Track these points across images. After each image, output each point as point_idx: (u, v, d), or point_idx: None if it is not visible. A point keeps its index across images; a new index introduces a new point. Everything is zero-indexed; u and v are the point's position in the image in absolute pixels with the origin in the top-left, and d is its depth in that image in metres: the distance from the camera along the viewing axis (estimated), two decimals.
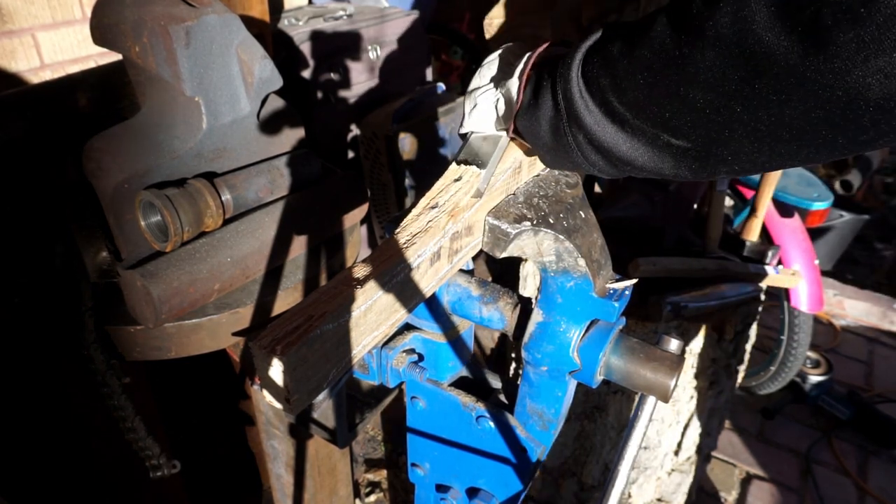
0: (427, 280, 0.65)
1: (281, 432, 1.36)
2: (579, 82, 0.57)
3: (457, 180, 0.68)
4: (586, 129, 0.57)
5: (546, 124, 0.62)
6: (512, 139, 0.70)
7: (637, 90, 0.53)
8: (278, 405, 0.54)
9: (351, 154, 2.47)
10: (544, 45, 0.66)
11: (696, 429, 1.97)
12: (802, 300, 2.37)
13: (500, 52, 0.71)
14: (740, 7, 0.44)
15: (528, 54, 0.66)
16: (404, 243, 0.62)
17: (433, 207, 0.66)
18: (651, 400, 0.75)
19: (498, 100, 0.68)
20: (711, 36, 0.46)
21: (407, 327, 0.89)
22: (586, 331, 0.73)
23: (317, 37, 2.18)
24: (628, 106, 0.54)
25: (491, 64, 0.72)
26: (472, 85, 0.72)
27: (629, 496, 1.99)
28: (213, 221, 1.05)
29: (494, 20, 2.56)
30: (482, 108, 0.70)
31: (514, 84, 0.66)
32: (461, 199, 0.67)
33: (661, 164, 0.56)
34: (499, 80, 0.70)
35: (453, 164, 0.70)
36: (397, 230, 0.64)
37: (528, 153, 0.72)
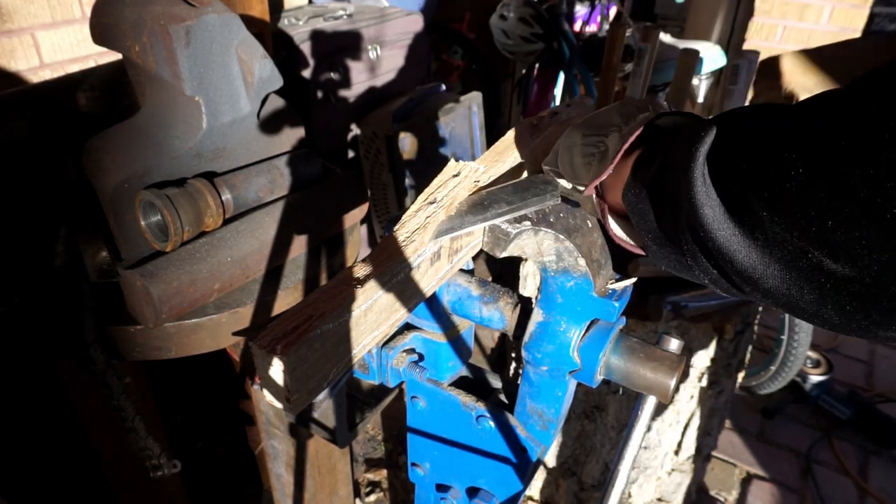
0: (427, 280, 0.65)
1: (281, 432, 1.36)
2: (703, 166, 0.44)
3: (455, 176, 0.68)
4: (701, 223, 0.44)
5: (651, 206, 0.51)
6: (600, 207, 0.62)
7: (788, 182, 0.38)
8: (278, 405, 0.54)
9: (351, 154, 2.47)
10: (656, 114, 0.56)
11: (696, 429, 1.97)
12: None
13: (633, 104, 0.62)
14: None
15: (642, 115, 0.56)
16: (403, 241, 0.62)
17: (431, 203, 0.66)
18: (651, 400, 0.75)
19: (595, 152, 0.59)
20: None
21: (407, 327, 0.89)
22: (586, 330, 0.73)
23: (317, 36, 2.18)
24: (769, 203, 0.39)
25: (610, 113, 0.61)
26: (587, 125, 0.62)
27: (629, 496, 1.99)
28: (213, 221, 1.05)
29: None
30: (578, 151, 0.61)
31: (614, 141, 0.56)
32: (460, 194, 0.66)
33: (799, 295, 0.40)
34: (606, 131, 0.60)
35: (452, 160, 0.70)
36: (396, 227, 0.64)
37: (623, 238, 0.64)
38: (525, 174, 0.75)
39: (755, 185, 0.40)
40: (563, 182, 0.66)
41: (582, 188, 0.64)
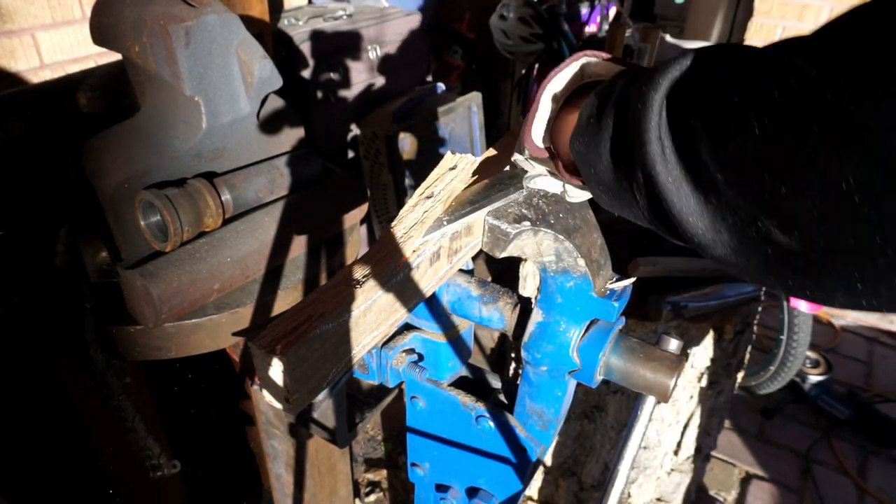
0: (427, 280, 0.65)
1: (281, 432, 1.36)
2: (661, 116, 0.41)
3: (452, 168, 0.68)
4: (655, 181, 0.42)
5: (606, 157, 0.48)
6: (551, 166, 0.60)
7: (746, 143, 0.35)
8: (278, 405, 0.54)
9: (351, 154, 2.47)
10: (606, 56, 0.53)
11: (695, 429, 1.97)
12: (802, 300, 2.37)
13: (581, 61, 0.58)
14: None
15: (587, 55, 0.54)
16: (401, 237, 0.62)
17: (429, 197, 0.66)
18: (651, 400, 0.75)
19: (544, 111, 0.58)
20: None
21: (407, 327, 0.89)
22: (586, 331, 0.73)
23: (317, 37, 2.18)
24: (723, 164, 0.37)
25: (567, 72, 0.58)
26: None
27: (629, 496, 1.99)
28: (213, 221, 1.05)
29: None
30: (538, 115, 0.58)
31: (556, 85, 0.54)
32: (457, 187, 0.66)
33: (745, 263, 0.39)
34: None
35: (448, 153, 0.70)
36: (393, 223, 0.64)
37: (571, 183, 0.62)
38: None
39: (713, 142, 0.38)
40: (527, 164, 0.64)
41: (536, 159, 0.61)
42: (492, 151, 0.75)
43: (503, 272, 2.76)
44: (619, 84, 0.48)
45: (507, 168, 0.71)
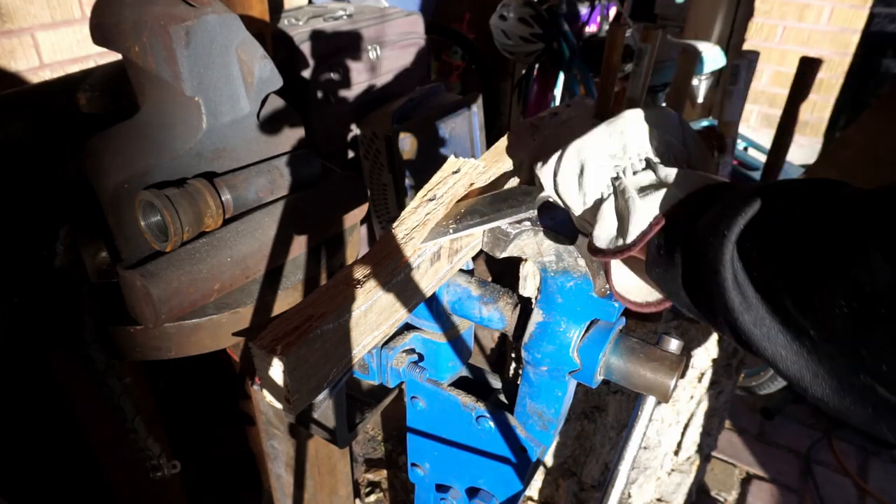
0: (427, 280, 0.65)
1: (281, 432, 1.36)
2: (734, 265, 0.40)
3: (455, 172, 0.68)
4: (740, 328, 0.41)
5: (684, 294, 0.47)
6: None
7: (836, 319, 0.35)
8: (278, 405, 0.54)
9: (351, 154, 2.47)
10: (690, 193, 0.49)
11: (696, 429, 1.97)
12: None
13: (650, 120, 0.55)
14: None
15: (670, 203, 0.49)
16: (402, 238, 0.62)
17: (431, 200, 0.66)
18: (651, 400, 0.75)
19: (610, 196, 0.53)
20: None
21: (407, 327, 0.89)
22: (586, 331, 0.73)
23: (317, 37, 2.18)
24: (815, 324, 0.37)
25: (632, 129, 0.54)
26: (591, 139, 0.54)
27: (629, 496, 1.99)
28: (213, 221, 1.05)
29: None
30: (589, 184, 0.54)
31: (641, 221, 0.50)
32: (459, 191, 0.66)
33: (850, 406, 0.37)
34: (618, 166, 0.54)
35: (451, 156, 0.70)
36: (395, 224, 0.64)
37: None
38: (515, 179, 0.75)
39: (800, 304, 0.37)
40: (552, 194, 0.60)
41: (578, 214, 0.58)
42: (496, 151, 0.75)
43: (503, 272, 2.76)
44: (681, 218, 0.47)
45: (516, 178, 0.71)
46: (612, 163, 0.55)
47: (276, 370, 0.51)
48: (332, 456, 1.48)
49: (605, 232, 0.53)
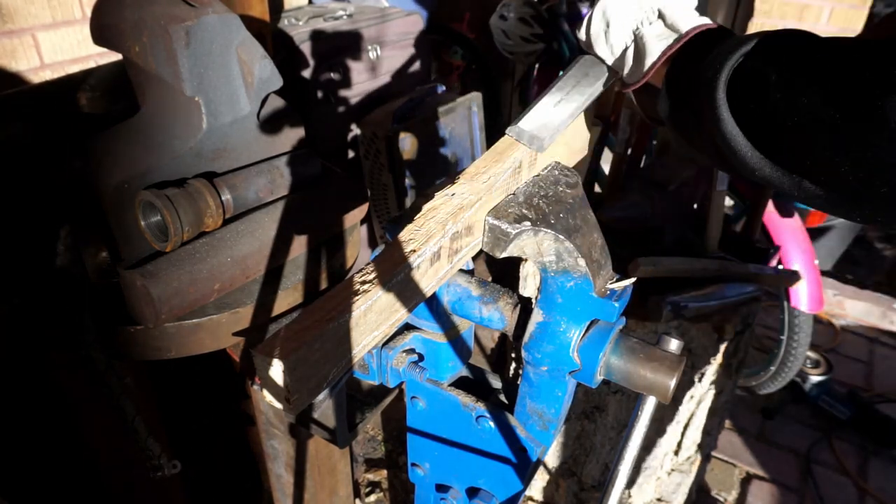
0: (427, 280, 0.65)
1: (281, 432, 1.36)
2: (723, 92, 0.58)
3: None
4: (722, 132, 0.58)
5: (686, 111, 0.64)
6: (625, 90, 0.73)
7: (783, 133, 0.54)
8: (278, 405, 0.54)
9: (351, 154, 2.46)
10: (692, 33, 0.66)
11: (696, 429, 1.97)
12: (802, 300, 2.37)
13: None
14: None
15: (674, 38, 0.67)
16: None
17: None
18: (651, 400, 0.75)
19: (631, 40, 0.70)
20: (880, 119, 0.46)
21: (407, 327, 0.89)
22: (586, 331, 0.73)
23: (317, 37, 2.18)
24: (772, 147, 0.56)
25: None
26: None
27: (629, 496, 1.99)
28: (213, 221, 1.05)
29: None
30: (615, 35, 0.71)
31: (649, 61, 0.67)
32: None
33: (793, 193, 0.56)
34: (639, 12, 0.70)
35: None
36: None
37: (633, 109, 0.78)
38: (523, 174, 0.75)
39: (757, 128, 0.55)
40: (587, 49, 0.76)
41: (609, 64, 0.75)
42: (507, 141, 0.75)
43: (503, 272, 2.76)
44: (689, 57, 0.64)
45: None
46: (631, 17, 0.70)
47: (276, 370, 0.51)
48: (332, 456, 1.48)
49: (629, 71, 0.71)
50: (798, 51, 0.55)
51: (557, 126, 0.72)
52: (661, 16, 0.69)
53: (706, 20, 0.68)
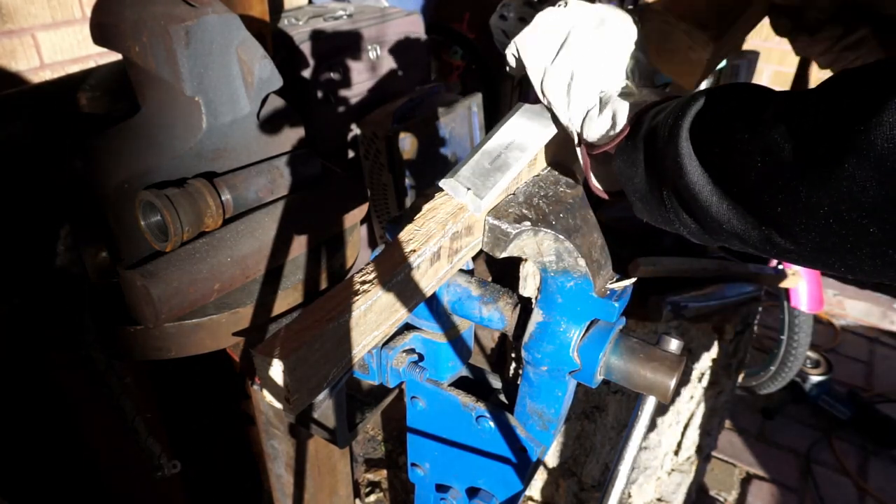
0: (427, 280, 0.65)
1: (281, 432, 1.36)
2: (688, 143, 0.54)
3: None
4: (686, 182, 0.53)
5: (641, 172, 0.59)
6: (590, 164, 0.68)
7: (751, 175, 0.48)
8: (278, 405, 0.54)
9: (351, 154, 2.46)
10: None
11: (696, 429, 1.97)
12: (802, 300, 2.37)
13: (610, 22, 0.67)
14: None
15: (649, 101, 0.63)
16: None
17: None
18: (651, 400, 0.75)
19: (591, 103, 0.66)
20: (862, 144, 0.40)
21: (407, 327, 0.89)
22: (586, 331, 0.73)
23: (317, 37, 2.18)
24: (731, 192, 0.51)
25: (597, 35, 0.67)
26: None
27: (629, 496, 1.99)
28: (213, 221, 1.05)
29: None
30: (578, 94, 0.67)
31: (622, 121, 0.63)
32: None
33: (764, 248, 0.52)
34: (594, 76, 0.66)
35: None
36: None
37: (604, 194, 0.71)
38: (523, 174, 0.75)
39: (722, 174, 0.51)
40: (538, 92, 0.70)
41: (570, 129, 0.70)
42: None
43: (503, 272, 2.76)
44: (647, 116, 0.60)
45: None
46: (596, 80, 0.67)
47: (276, 370, 0.51)
48: (332, 456, 1.48)
49: (597, 129, 0.66)
50: (762, 92, 0.53)
51: (498, 187, 0.67)
52: (626, 88, 0.67)
53: (670, 93, 0.65)
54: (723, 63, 2.69)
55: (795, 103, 0.47)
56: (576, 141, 0.69)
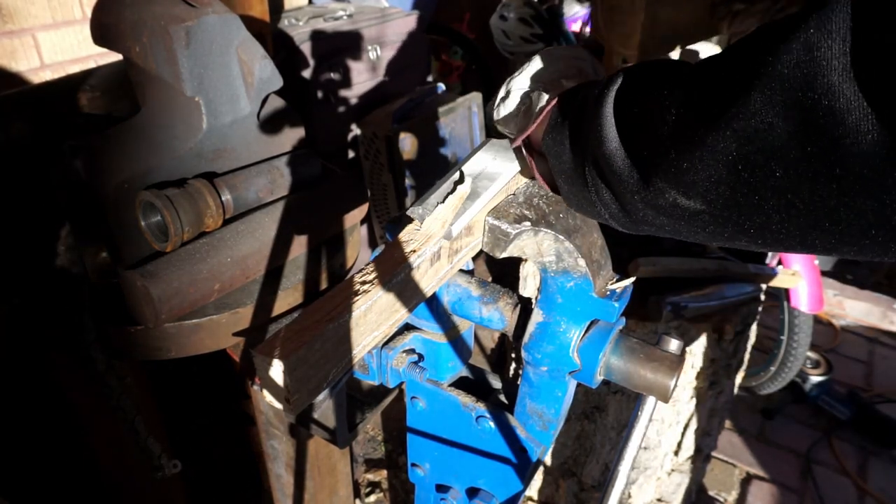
0: (427, 280, 0.65)
1: (281, 432, 1.36)
2: (610, 107, 0.52)
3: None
4: (603, 151, 0.52)
5: (567, 146, 0.58)
6: (523, 157, 0.69)
7: (662, 129, 0.46)
8: (278, 405, 0.54)
9: (351, 154, 2.47)
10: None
11: (695, 429, 1.97)
12: (802, 300, 2.37)
13: (561, 52, 0.70)
14: (813, 45, 0.35)
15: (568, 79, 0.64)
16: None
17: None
18: (651, 400, 0.75)
19: (527, 101, 0.67)
20: (768, 74, 0.37)
21: (407, 327, 0.89)
22: (586, 331, 0.73)
23: (317, 37, 2.18)
24: (647, 145, 0.48)
25: (547, 60, 0.69)
26: (516, 74, 0.71)
27: (629, 496, 1.99)
28: (213, 221, 1.05)
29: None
30: (511, 102, 0.69)
31: (543, 96, 0.64)
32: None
33: (676, 225, 0.50)
34: (538, 81, 0.68)
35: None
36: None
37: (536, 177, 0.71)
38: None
39: (634, 133, 0.50)
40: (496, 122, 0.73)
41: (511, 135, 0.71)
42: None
43: (503, 272, 2.76)
44: (578, 93, 0.60)
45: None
46: (528, 86, 0.68)
47: (276, 371, 0.51)
48: (332, 456, 1.48)
49: (520, 124, 0.67)
50: (687, 62, 0.52)
51: (467, 215, 0.67)
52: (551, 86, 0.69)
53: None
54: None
55: (711, 57, 0.46)
56: (512, 140, 0.70)
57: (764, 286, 1.91)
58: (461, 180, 0.69)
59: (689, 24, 1.44)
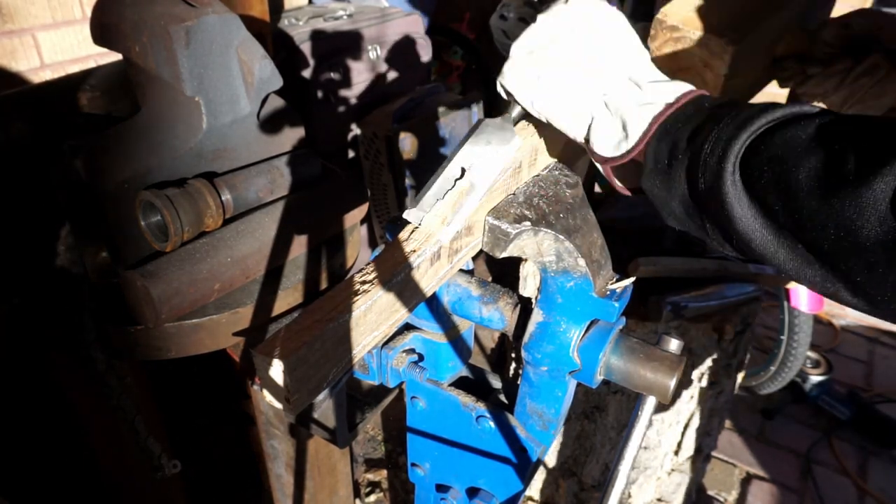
0: (427, 280, 0.65)
1: (281, 432, 1.36)
2: (735, 176, 0.50)
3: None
4: (729, 216, 0.51)
5: (679, 201, 0.57)
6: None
7: (805, 209, 0.46)
8: (278, 405, 0.54)
9: (351, 154, 2.46)
10: (682, 100, 0.59)
11: (696, 429, 1.97)
12: (802, 300, 2.37)
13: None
14: None
15: (664, 104, 0.58)
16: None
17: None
18: (651, 400, 0.75)
19: (614, 121, 0.61)
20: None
21: (407, 327, 0.89)
22: (586, 331, 0.73)
23: (317, 37, 2.18)
24: (790, 220, 0.48)
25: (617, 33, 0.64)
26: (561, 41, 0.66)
27: (629, 496, 1.99)
28: (213, 221, 1.05)
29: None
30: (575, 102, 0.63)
31: (636, 131, 0.59)
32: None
33: (799, 272, 0.50)
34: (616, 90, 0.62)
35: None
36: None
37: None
38: (523, 174, 0.75)
39: (781, 202, 0.48)
40: (530, 110, 0.68)
41: (580, 140, 0.66)
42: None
43: (503, 272, 2.76)
44: (678, 129, 0.56)
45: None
46: (588, 85, 0.63)
47: (276, 370, 0.51)
48: (332, 456, 1.48)
49: (606, 141, 0.62)
50: (809, 115, 0.50)
51: (464, 211, 0.65)
52: (632, 81, 0.63)
53: (689, 85, 0.61)
54: None
55: (861, 121, 0.46)
56: (589, 151, 0.66)
57: (764, 286, 1.91)
58: (460, 176, 0.68)
59: (752, 85, 1.38)
